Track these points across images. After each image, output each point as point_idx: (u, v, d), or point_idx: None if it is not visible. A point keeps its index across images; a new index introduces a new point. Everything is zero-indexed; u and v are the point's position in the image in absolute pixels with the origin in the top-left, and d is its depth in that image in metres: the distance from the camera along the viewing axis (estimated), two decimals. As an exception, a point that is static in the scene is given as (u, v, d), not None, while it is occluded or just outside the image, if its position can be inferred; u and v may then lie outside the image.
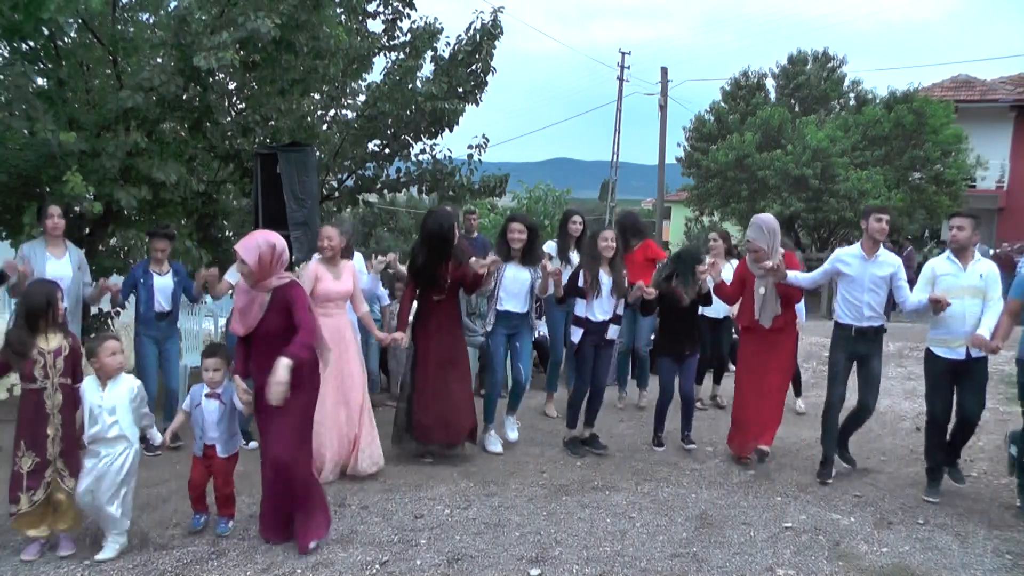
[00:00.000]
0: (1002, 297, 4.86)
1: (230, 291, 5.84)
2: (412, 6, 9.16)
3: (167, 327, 5.96)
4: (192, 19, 6.39)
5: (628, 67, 29.06)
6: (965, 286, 4.85)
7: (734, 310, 6.46)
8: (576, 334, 5.68)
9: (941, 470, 5.04)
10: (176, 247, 7.99)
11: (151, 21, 7.65)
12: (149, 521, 4.32)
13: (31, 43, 6.54)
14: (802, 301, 6.80)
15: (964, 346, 4.81)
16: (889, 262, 5.17)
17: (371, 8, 8.97)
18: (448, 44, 9.16)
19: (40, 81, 6.82)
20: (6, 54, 6.69)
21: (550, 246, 6.67)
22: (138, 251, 7.47)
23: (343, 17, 8.26)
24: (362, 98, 9.45)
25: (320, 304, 5.07)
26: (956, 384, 4.92)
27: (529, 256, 5.74)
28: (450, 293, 5.52)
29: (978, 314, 4.79)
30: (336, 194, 9.71)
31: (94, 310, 7.35)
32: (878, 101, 21.97)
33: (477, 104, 9.24)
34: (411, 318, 5.71)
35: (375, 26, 9.23)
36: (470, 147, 9.69)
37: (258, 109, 8.03)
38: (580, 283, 5.60)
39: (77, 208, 6.21)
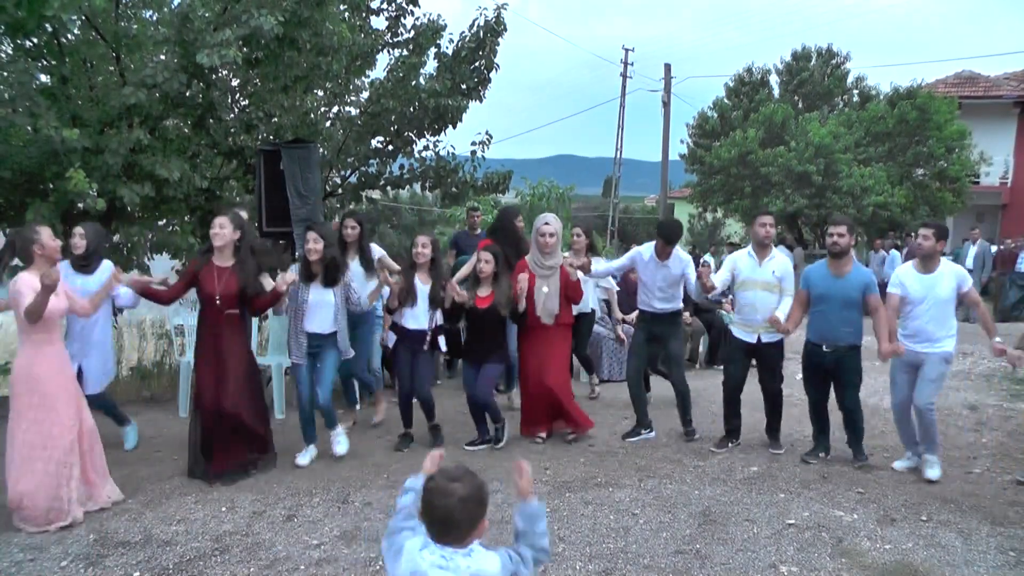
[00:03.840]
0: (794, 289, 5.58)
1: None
2: (415, 3, 9.16)
3: None
4: (195, 16, 6.41)
5: (632, 64, 29.11)
6: (759, 279, 5.55)
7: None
8: (391, 340, 5.76)
9: (735, 433, 5.85)
10: (179, 243, 8.03)
11: (154, 18, 7.67)
12: (152, 517, 4.34)
13: (34, 40, 6.56)
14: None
15: (757, 332, 5.56)
16: (680, 259, 5.78)
17: (374, 5, 8.98)
18: (451, 41, 9.16)
19: (43, 78, 6.85)
20: (9, 51, 6.71)
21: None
22: (141, 247, 7.49)
23: (346, 14, 8.27)
24: (365, 95, 9.47)
25: (44, 329, 4.12)
26: (756, 364, 5.69)
27: (331, 276, 5.23)
28: (230, 309, 4.92)
29: (770, 304, 5.46)
30: (339, 191, 9.72)
31: None
32: (881, 97, 21.92)
33: (480, 101, 9.24)
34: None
35: (378, 23, 9.24)
36: (473, 144, 9.69)
37: (261, 106, 8.05)
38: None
39: (80, 204, 6.22)
